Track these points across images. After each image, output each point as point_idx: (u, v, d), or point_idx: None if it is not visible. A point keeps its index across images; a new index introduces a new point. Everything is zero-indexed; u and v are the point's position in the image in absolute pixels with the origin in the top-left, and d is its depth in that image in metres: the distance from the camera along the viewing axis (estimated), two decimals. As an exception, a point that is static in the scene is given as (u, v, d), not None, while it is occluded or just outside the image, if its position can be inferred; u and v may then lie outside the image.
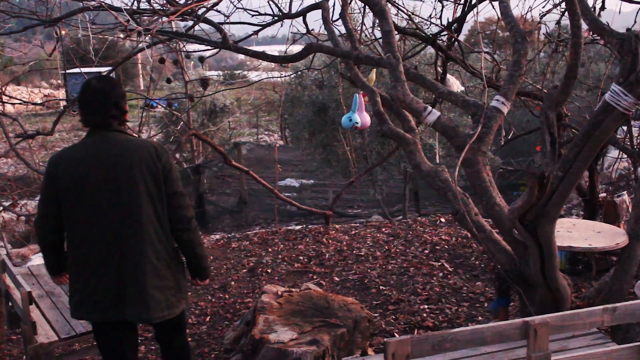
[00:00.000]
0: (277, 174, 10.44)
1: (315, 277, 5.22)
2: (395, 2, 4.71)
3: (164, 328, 2.94)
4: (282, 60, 4.37)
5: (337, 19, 3.90)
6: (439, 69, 4.82)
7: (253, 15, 4.57)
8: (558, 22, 4.67)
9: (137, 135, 3.66)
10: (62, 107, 5.82)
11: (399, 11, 4.79)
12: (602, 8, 4.25)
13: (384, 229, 6.62)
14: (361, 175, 8.25)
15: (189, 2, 3.66)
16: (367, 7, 3.82)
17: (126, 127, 2.91)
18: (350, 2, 3.94)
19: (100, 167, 2.65)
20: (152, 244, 2.68)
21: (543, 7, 4.34)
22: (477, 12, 4.27)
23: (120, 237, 2.65)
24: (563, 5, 4.08)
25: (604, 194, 4.88)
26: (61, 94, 22.87)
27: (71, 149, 2.77)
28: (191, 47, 5.15)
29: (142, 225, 2.65)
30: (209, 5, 4.09)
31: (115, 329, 2.77)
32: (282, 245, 6.24)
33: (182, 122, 7.42)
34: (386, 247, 5.92)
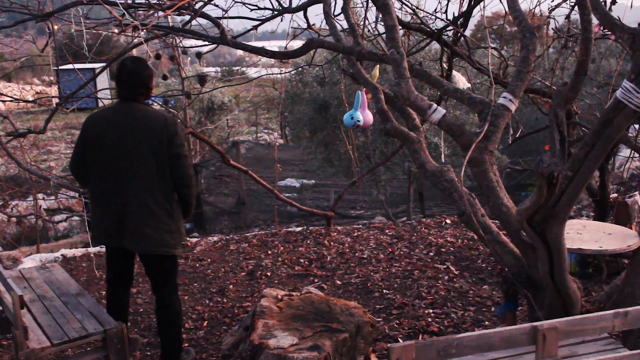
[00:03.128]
0: (276, 174, 10.39)
1: (316, 281, 5.14)
2: (399, -4, 4.66)
3: (156, 272, 3.54)
4: (282, 56, 4.30)
5: (339, 14, 3.88)
6: (445, 65, 4.79)
7: (252, 10, 4.57)
8: (567, 17, 4.64)
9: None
10: (54, 105, 5.76)
11: (403, 5, 4.77)
12: (613, 2, 4.24)
13: (387, 231, 6.55)
14: (364, 175, 8.20)
15: (186, -4, 3.60)
16: (370, 1, 3.77)
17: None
18: (352, -4, 3.89)
19: (118, 127, 3.33)
20: (152, 192, 3.32)
21: (552, 1, 4.30)
22: (483, 7, 4.27)
23: (124, 182, 3.33)
24: (572, -1, 4.02)
25: (615, 195, 4.85)
26: (53, 90, 22.76)
27: (101, 111, 3.50)
28: (188, 42, 5.14)
29: (142, 176, 3.31)
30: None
31: (118, 253, 3.53)
32: (282, 248, 6.17)
33: (178, 120, 7.37)
34: (390, 250, 5.85)
